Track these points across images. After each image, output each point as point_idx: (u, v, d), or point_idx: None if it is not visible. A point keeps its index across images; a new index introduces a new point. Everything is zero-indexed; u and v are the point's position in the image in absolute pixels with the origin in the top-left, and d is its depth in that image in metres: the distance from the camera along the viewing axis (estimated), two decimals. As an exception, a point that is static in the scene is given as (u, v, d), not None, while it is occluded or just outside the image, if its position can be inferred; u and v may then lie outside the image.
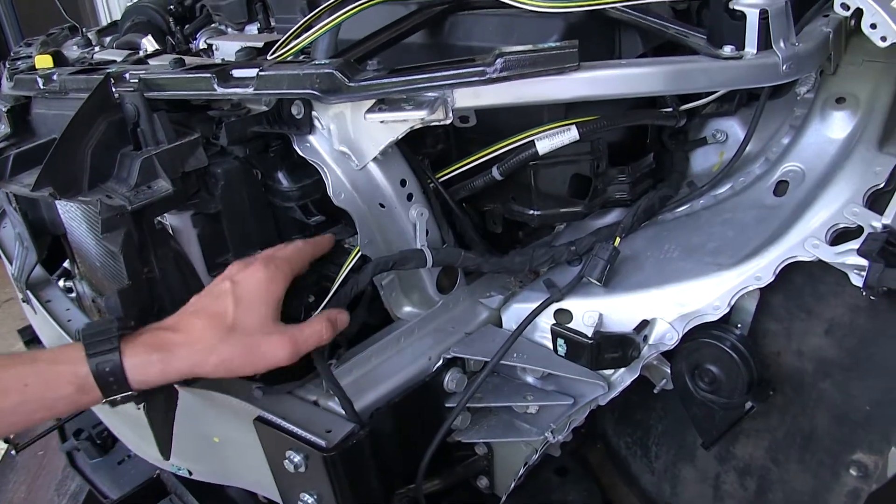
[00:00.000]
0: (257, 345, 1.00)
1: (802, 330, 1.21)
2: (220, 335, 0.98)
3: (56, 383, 0.92)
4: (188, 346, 0.97)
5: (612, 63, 1.03)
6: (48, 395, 0.92)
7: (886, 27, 1.01)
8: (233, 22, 1.95)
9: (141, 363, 0.95)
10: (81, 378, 0.92)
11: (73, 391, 0.93)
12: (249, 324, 1.00)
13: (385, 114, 0.99)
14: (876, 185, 1.11)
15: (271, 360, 1.01)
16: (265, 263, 1.05)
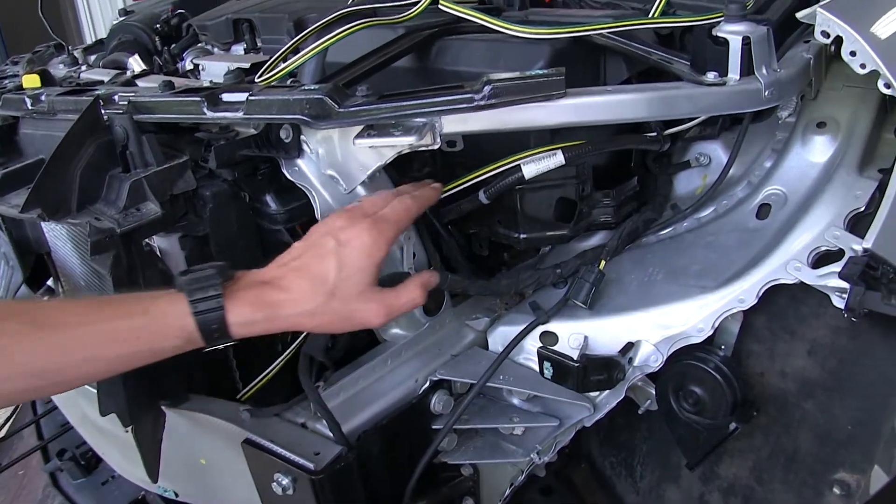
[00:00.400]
0: (355, 311, 1.01)
1: (785, 351, 1.23)
2: (322, 299, 0.99)
3: (165, 336, 0.95)
4: (292, 308, 0.98)
5: (598, 90, 1.04)
6: (157, 346, 0.95)
7: (865, 55, 1.03)
8: (219, 42, 1.96)
9: (245, 321, 0.97)
10: (189, 332, 0.95)
11: (181, 343, 0.96)
12: (350, 291, 1.00)
13: (374, 139, 1.00)
14: (856, 208, 1.13)
15: (365, 324, 1.05)
16: (372, 225, 1.02)
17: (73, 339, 0.91)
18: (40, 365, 0.90)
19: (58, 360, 0.91)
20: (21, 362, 0.89)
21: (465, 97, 0.95)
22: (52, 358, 0.90)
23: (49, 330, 0.90)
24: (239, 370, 1.30)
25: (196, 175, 1.16)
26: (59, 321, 0.91)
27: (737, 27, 1.07)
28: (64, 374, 0.92)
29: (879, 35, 1.07)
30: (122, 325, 0.93)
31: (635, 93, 1.04)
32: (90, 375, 0.96)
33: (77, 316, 0.93)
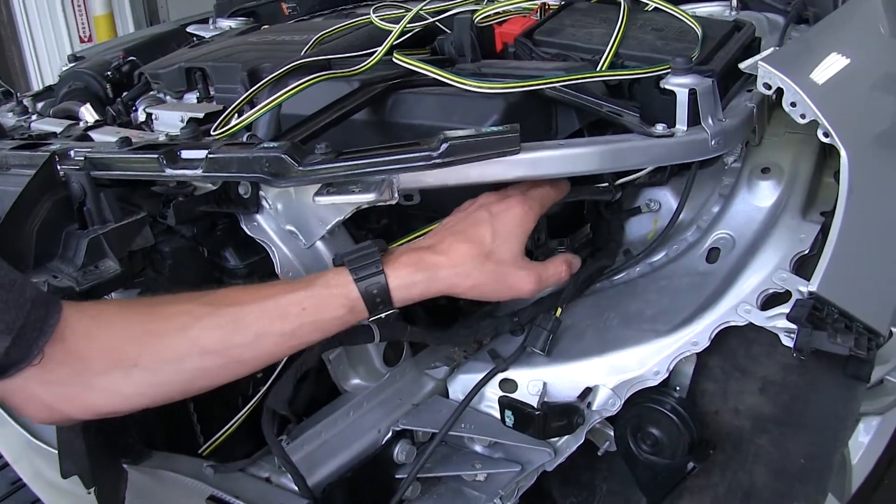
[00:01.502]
0: (508, 275, 1.06)
1: (738, 389, 1.26)
2: (478, 261, 1.04)
3: (330, 306, 0.98)
4: (450, 268, 1.03)
5: (551, 144, 1.07)
6: (322, 317, 0.98)
7: (805, 106, 1.07)
8: (172, 90, 1.95)
9: (405, 284, 1.01)
10: (352, 300, 0.98)
11: (344, 312, 0.99)
12: (504, 256, 1.06)
13: (333, 197, 1.01)
14: (801, 251, 1.17)
15: (517, 291, 1.09)
16: (522, 200, 1.09)
17: (245, 316, 0.95)
18: (213, 342, 0.95)
19: (230, 337, 0.95)
20: (195, 337, 0.94)
21: (422, 154, 0.97)
22: (225, 334, 0.95)
23: (224, 307, 0.96)
24: (199, 424, 1.30)
25: (154, 231, 1.16)
26: (232, 300, 0.97)
27: (683, 80, 1.11)
28: (237, 354, 0.96)
29: (818, 85, 1.12)
30: (289, 299, 0.97)
31: (588, 146, 1.07)
32: (261, 355, 0.99)
33: (247, 294, 0.99)
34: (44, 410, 0.93)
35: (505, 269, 1.06)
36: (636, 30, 1.40)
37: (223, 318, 0.95)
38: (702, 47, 1.30)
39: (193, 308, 0.96)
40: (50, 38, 4.73)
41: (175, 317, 0.95)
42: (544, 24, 1.46)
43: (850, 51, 1.30)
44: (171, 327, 0.94)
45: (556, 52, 1.39)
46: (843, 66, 1.23)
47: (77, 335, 0.90)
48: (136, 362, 0.92)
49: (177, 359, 0.94)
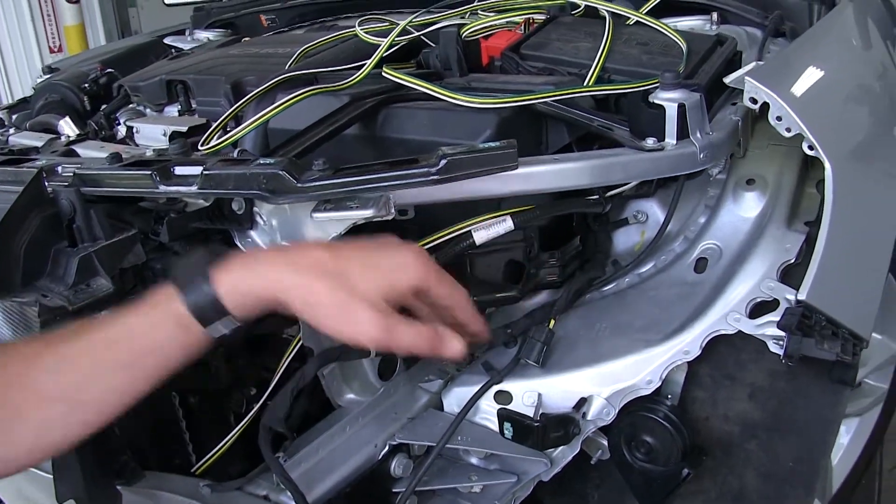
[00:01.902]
0: (354, 307, 0.86)
1: (727, 396, 1.28)
2: (325, 272, 0.87)
3: (160, 326, 0.87)
4: (293, 274, 0.87)
5: (546, 159, 1.09)
6: (155, 340, 0.87)
7: (790, 120, 1.10)
8: (152, 103, 1.94)
9: (234, 282, 0.87)
10: (181, 316, 0.86)
11: (178, 331, 0.87)
12: (360, 284, 0.87)
13: (331, 213, 1.02)
14: (787, 260, 1.20)
15: (357, 332, 0.87)
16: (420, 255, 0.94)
17: (72, 352, 0.85)
18: (49, 387, 0.84)
19: (64, 378, 0.85)
20: (29, 385, 0.84)
21: (421, 171, 0.97)
22: (57, 376, 0.84)
23: (53, 347, 0.86)
24: (191, 443, 1.29)
25: (145, 247, 1.15)
26: (62, 338, 0.86)
27: (672, 94, 1.13)
28: (76, 396, 0.85)
29: (801, 99, 1.15)
30: (117, 327, 0.87)
31: (582, 161, 1.09)
32: (104, 395, 0.87)
33: (77, 329, 0.88)
34: None
35: (353, 302, 0.86)
36: (621, 44, 1.42)
37: (52, 358, 0.85)
38: (687, 62, 1.32)
39: (26, 351, 0.87)
40: (19, 49, 4.67)
41: (7, 367, 0.85)
42: (530, 38, 1.48)
43: (828, 64, 1.34)
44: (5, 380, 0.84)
45: (543, 66, 1.41)
46: (822, 80, 1.26)
47: None
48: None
49: (17, 414, 0.83)
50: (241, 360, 1.27)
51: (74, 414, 0.86)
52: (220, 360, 1.22)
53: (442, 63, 1.49)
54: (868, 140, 1.37)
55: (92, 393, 0.86)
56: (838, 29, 1.57)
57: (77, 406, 0.86)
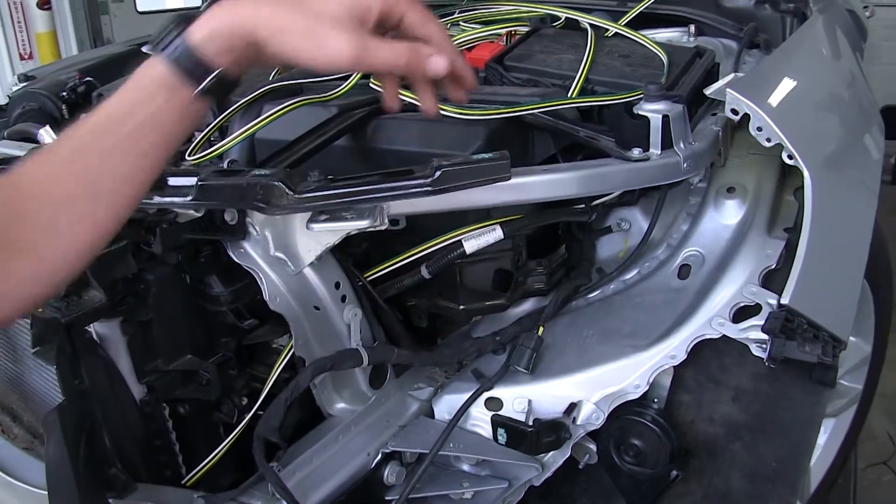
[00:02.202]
0: (324, 29, 0.87)
1: (712, 399, 1.31)
2: (291, 5, 0.87)
3: (152, 94, 0.85)
4: (253, 5, 0.87)
5: (537, 170, 1.11)
6: (152, 110, 0.85)
7: (770, 130, 1.14)
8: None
9: (208, 30, 0.85)
10: (168, 75, 0.85)
11: (169, 94, 0.85)
12: (327, 9, 0.87)
13: (327, 224, 1.03)
14: (768, 265, 1.23)
15: (330, 54, 0.87)
16: None
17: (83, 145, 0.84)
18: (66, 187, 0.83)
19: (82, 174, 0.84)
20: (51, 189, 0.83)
21: (417, 182, 0.99)
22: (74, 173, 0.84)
23: (62, 148, 0.86)
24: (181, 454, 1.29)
25: (135, 258, 1.15)
26: (69, 135, 0.85)
27: (656, 106, 1.16)
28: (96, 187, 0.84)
29: (780, 109, 1.19)
30: (112, 108, 0.85)
31: (572, 171, 1.12)
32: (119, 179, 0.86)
33: (80, 125, 0.86)
34: None
35: (322, 23, 0.87)
36: (604, 56, 1.45)
37: (56, 159, 0.85)
38: (668, 73, 1.36)
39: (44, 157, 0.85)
40: (-12, 55, 4.61)
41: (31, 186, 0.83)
42: (514, 49, 1.51)
43: (803, 75, 1.38)
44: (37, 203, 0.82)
45: (527, 78, 1.44)
46: (798, 91, 1.30)
47: None
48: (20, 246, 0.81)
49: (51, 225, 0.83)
50: (231, 370, 1.27)
51: (90, 212, 0.85)
52: (212, 369, 1.23)
53: (425, 74, 1.51)
54: (842, 148, 1.42)
55: (105, 185, 0.85)
56: (810, 41, 1.62)
57: (90, 202, 0.85)
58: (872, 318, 1.93)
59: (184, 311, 1.21)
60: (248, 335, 1.28)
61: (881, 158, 1.64)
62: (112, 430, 1.17)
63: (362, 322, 1.24)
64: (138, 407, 1.22)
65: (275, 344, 1.30)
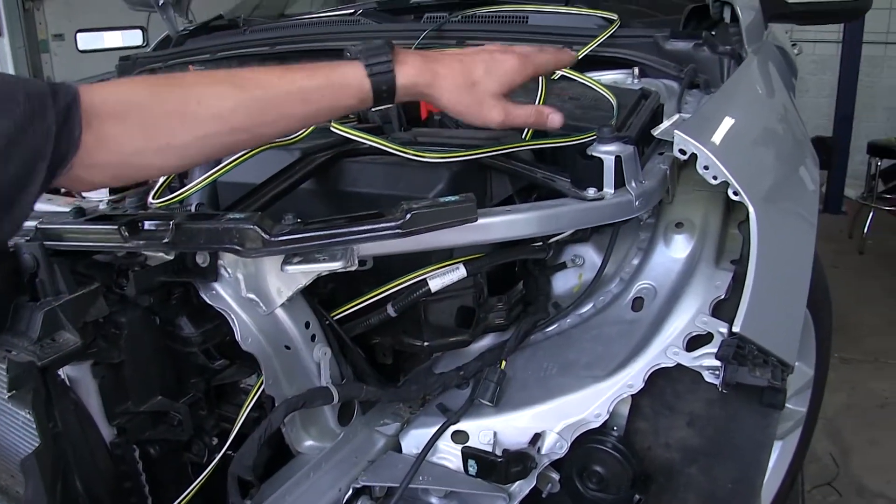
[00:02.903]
0: (483, 103, 1.17)
1: (668, 425, 1.37)
2: (466, 83, 1.16)
3: (345, 96, 1.10)
4: (445, 80, 1.15)
5: (499, 210, 1.16)
6: (337, 105, 1.10)
7: (716, 168, 1.21)
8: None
9: (410, 83, 1.12)
10: (364, 92, 1.10)
11: (355, 102, 1.11)
12: (488, 89, 1.17)
13: (301, 266, 1.07)
14: (718, 296, 1.30)
15: (486, 118, 1.19)
16: (521, 57, 1.21)
17: (271, 100, 1.06)
18: (242, 123, 1.05)
19: (258, 118, 1.06)
20: (227, 119, 1.03)
21: (388, 224, 1.03)
22: (253, 116, 1.05)
23: (251, 91, 1.05)
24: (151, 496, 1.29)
25: (106, 300, 1.17)
26: (258, 83, 1.06)
27: (609, 147, 1.23)
28: (261, 132, 1.09)
29: (724, 148, 1.26)
30: (311, 86, 1.08)
31: (531, 212, 1.17)
32: (280, 131, 1.14)
33: (273, 78, 1.07)
34: (90, 186, 1.09)
35: (483, 98, 1.17)
36: (554, 98, 1.51)
37: (252, 102, 1.05)
38: (617, 115, 1.42)
39: (224, 91, 1.04)
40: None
41: (207, 100, 1.03)
42: (468, 93, 1.56)
43: (743, 114, 1.47)
44: (204, 111, 1.02)
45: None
46: (740, 130, 1.39)
47: (106, 120, 0.97)
48: (169, 142, 1.02)
49: (207, 136, 1.04)
50: (202, 411, 1.29)
51: (251, 142, 1.14)
52: (184, 410, 1.24)
53: (381, 117, 1.55)
54: (781, 182, 1.50)
55: (272, 131, 1.10)
56: (747, 81, 1.71)
57: (256, 138, 1.12)
58: (814, 342, 2.02)
59: (154, 352, 1.23)
60: (218, 375, 1.30)
61: (817, 189, 1.73)
62: (82, 472, 1.18)
63: (331, 360, 1.27)
64: (108, 449, 1.23)
65: (242, 383, 1.32)
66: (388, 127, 1.53)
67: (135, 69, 2.49)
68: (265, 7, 2.92)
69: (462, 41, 1.91)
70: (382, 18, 2.18)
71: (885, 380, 3.45)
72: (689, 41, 1.78)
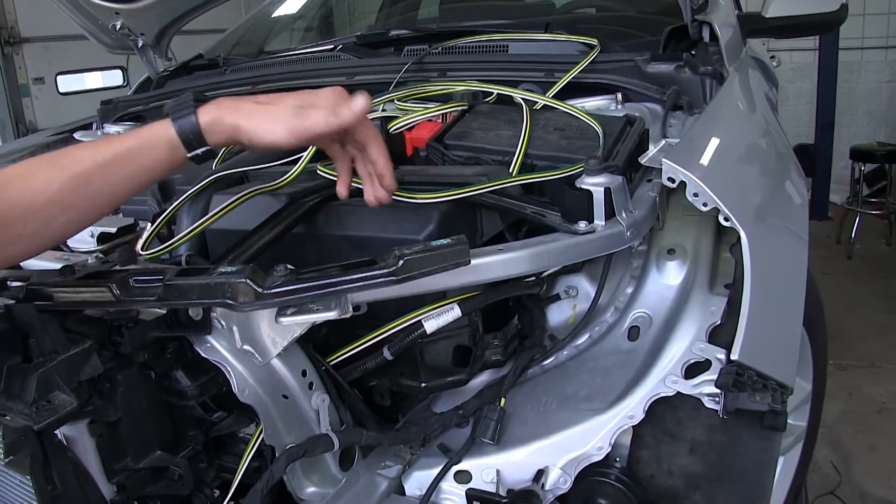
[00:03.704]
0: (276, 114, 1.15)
1: (670, 452, 1.36)
2: (266, 102, 1.16)
3: (153, 147, 1.12)
4: (244, 102, 1.16)
5: (491, 250, 1.16)
6: (149, 160, 1.12)
7: (706, 196, 1.21)
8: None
9: (213, 120, 1.13)
10: (171, 139, 1.12)
11: (165, 153, 1.12)
12: (288, 103, 1.16)
13: (296, 317, 1.06)
14: (713, 322, 1.30)
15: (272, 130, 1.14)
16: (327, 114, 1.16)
17: (91, 173, 1.09)
18: (72, 200, 1.09)
19: (84, 192, 1.10)
20: (61, 200, 1.08)
21: (381, 272, 1.02)
22: (79, 192, 1.09)
23: (71, 169, 1.09)
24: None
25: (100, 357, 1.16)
26: (77, 160, 1.10)
27: (597, 179, 1.23)
28: (93, 202, 1.11)
29: (713, 174, 1.26)
30: (124, 150, 1.11)
31: (524, 249, 1.17)
32: (112, 200, 1.14)
33: (89, 152, 1.11)
34: None
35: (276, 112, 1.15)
36: (540, 130, 1.52)
37: (74, 179, 1.09)
38: (603, 144, 1.43)
39: (51, 175, 1.09)
40: None
41: (41, 187, 1.08)
42: (452, 128, 1.56)
43: (728, 136, 1.48)
44: (39, 199, 1.07)
45: (469, 156, 1.49)
46: (726, 153, 1.39)
47: None
48: (20, 232, 1.07)
49: (49, 220, 1.09)
50: (201, 463, 1.28)
51: (91, 211, 1.13)
52: (183, 464, 1.23)
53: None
54: (768, 199, 1.51)
55: (103, 199, 1.13)
56: (730, 101, 1.72)
57: (92, 208, 1.13)
58: (810, 356, 2.02)
59: (151, 407, 1.22)
60: (216, 426, 1.28)
61: (805, 202, 1.74)
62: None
63: (329, 406, 1.26)
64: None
65: (242, 433, 1.31)
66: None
67: (116, 113, 2.49)
68: (244, 44, 2.93)
69: (444, 73, 1.92)
70: (362, 53, 2.19)
71: (881, 384, 3.46)
72: (671, 63, 1.79)
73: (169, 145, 1.12)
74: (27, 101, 5.24)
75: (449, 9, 3.08)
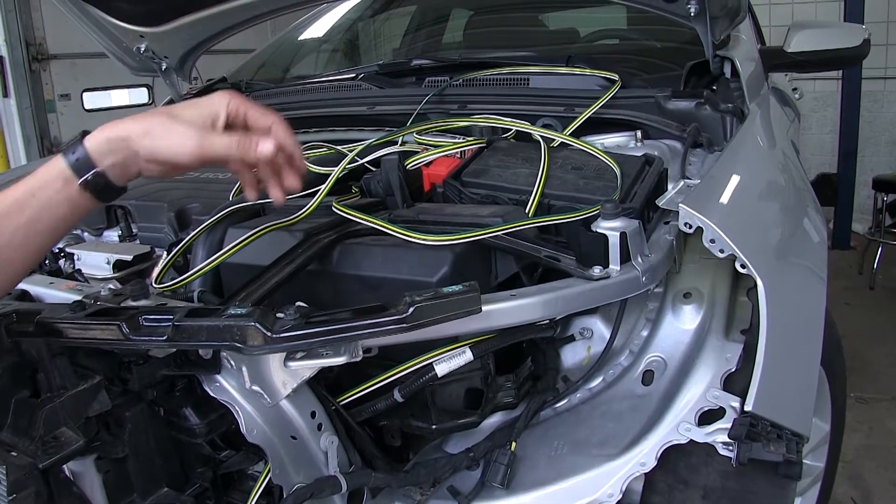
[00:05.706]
0: (178, 128, 1.10)
1: (682, 499, 1.34)
2: (161, 116, 1.11)
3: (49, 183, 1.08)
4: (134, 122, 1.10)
5: (503, 296, 1.15)
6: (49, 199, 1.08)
7: (723, 242, 1.20)
8: (90, 227, 1.94)
9: (100, 143, 1.09)
10: (63, 172, 1.08)
11: (60, 185, 1.08)
12: (183, 117, 1.11)
13: (305, 362, 1.05)
14: (728, 369, 1.28)
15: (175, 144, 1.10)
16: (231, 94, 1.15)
17: None
18: None
19: None
20: None
21: (391, 319, 1.01)
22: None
23: None
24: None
25: (109, 393, 1.15)
26: None
27: (613, 223, 1.22)
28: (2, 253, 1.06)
29: (730, 220, 1.25)
30: (22, 193, 1.07)
31: (537, 295, 1.16)
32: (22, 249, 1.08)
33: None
34: None
35: (177, 125, 1.10)
36: (557, 169, 1.51)
37: None
38: (621, 185, 1.41)
39: None
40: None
41: None
42: (470, 165, 1.56)
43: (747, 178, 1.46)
44: None
45: (486, 194, 1.48)
46: (744, 197, 1.38)
47: None
48: None
49: None
50: (208, 501, 1.27)
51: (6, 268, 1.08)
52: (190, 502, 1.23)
53: (384, 189, 1.55)
54: (785, 240, 1.49)
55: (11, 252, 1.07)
56: (750, 141, 1.70)
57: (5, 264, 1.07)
58: (828, 396, 1.99)
59: (159, 444, 1.22)
60: (224, 464, 1.28)
61: (823, 239, 1.72)
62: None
63: (338, 448, 1.25)
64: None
65: (250, 470, 1.31)
66: (392, 200, 1.53)
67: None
68: (269, 66, 2.95)
69: (464, 105, 1.92)
70: (383, 83, 2.19)
71: (903, 418, 3.40)
72: (691, 100, 1.78)
73: (62, 177, 1.08)
74: (52, 117, 5.29)
75: (473, 34, 3.08)
